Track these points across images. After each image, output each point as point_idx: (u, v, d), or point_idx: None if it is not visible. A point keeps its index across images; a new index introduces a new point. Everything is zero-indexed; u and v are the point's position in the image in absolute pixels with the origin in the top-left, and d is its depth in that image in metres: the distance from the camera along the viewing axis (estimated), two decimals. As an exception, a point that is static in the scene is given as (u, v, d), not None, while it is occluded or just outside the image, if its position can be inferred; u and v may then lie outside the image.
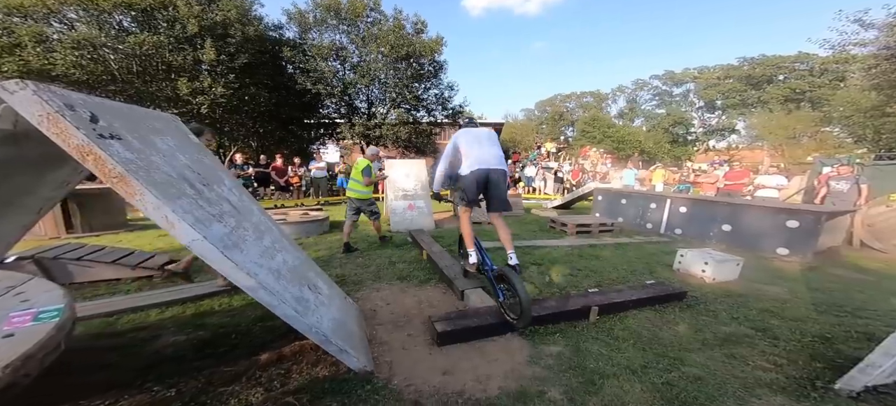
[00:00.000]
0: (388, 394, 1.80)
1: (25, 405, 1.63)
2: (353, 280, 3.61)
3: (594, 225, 6.36)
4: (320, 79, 11.96)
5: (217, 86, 10.94)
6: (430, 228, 6.31)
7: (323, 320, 1.93)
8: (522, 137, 38.49)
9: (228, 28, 10.98)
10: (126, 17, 10.24)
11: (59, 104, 1.30)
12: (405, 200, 6.29)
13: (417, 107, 14.54)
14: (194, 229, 1.46)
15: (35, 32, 8.92)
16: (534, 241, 5.65)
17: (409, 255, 4.56)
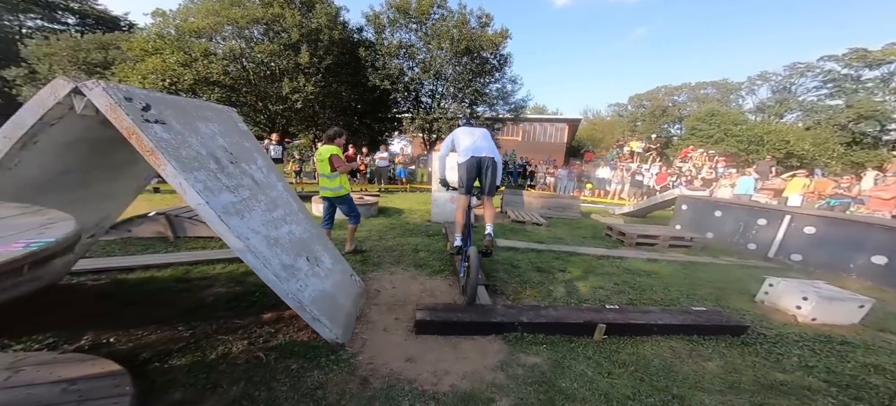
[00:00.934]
0: (344, 366, 1.96)
1: (78, 318, 2.29)
2: (374, 261, 3.90)
3: (662, 237, 5.43)
4: (388, 76, 12.96)
5: (308, 85, 12.72)
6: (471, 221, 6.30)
7: (306, 289, 2.18)
8: (605, 135, 34.55)
9: (319, 34, 12.77)
10: (255, 29, 12.82)
11: (119, 97, 1.77)
12: (449, 192, 6.42)
13: (477, 101, 14.43)
14: (200, 196, 1.81)
15: (203, 48, 11.94)
16: (577, 246, 5.14)
17: (437, 245, 4.68)
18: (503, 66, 14.11)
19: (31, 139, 1.63)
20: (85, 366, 1.64)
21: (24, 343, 1.93)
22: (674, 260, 4.75)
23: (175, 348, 1.94)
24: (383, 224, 5.75)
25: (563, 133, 25.90)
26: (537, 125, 26.73)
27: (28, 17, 22.87)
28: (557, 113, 32.33)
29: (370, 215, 6.06)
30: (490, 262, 4.04)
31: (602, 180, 12.61)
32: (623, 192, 11.94)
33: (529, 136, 26.22)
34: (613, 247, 5.38)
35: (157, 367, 1.76)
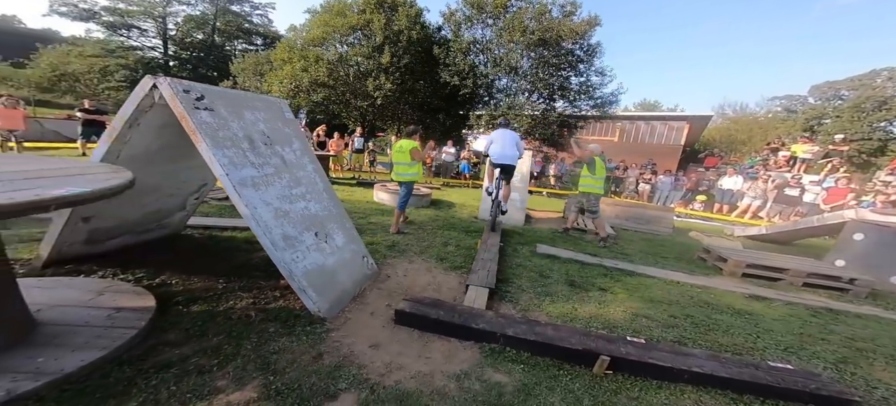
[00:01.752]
0: (312, 338, 2.13)
1: (172, 260, 3.02)
2: (400, 248, 4.07)
3: (796, 272, 4.00)
4: (458, 72, 12.99)
5: (387, 82, 13.92)
6: (520, 224, 5.90)
7: (302, 261, 2.44)
8: (752, 136, 26.72)
9: (400, 34, 13.88)
10: (352, 36, 14.88)
11: (178, 89, 2.28)
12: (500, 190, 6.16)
13: (553, 96, 13.08)
14: (223, 168, 2.16)
15: (316, 55, 14.60)
16: (643, 266, 4.23)
17: (469, 242, 4.56)
18: (591, 58, 12.46)
19: (134, 121, 2.29)
20: (135, 298, 2.23)
21: (127, 273, 2.73)
22: (799, 302, 3.43)
23: (203, 296, 2.44)
24: (429, 215, 5.91)
25: (679, 133, 21.42)
26: (641, 124, 22.80)
27: (238, 41, 32.37)
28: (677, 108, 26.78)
29: (421, 206, 6.30)
30: (513, 267, 3.73)
31: (726, 193, 9.82)
32: (763, 210, 9.10)
33: (629, 136, 22.60)
34: (703, 274, 4.22)
35: (180, 309, 2.26)
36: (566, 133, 13.54)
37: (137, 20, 29.92)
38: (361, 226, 4.84)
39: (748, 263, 4.13)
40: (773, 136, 22.69)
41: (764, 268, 4.09)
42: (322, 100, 15.00)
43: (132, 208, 2.89)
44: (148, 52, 30.72)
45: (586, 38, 12.00)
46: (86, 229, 2.64)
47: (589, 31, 11.82)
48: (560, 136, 13.47)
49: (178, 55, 32.39)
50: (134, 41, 30.22)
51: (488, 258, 3.59)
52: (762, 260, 4.19)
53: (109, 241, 2.90)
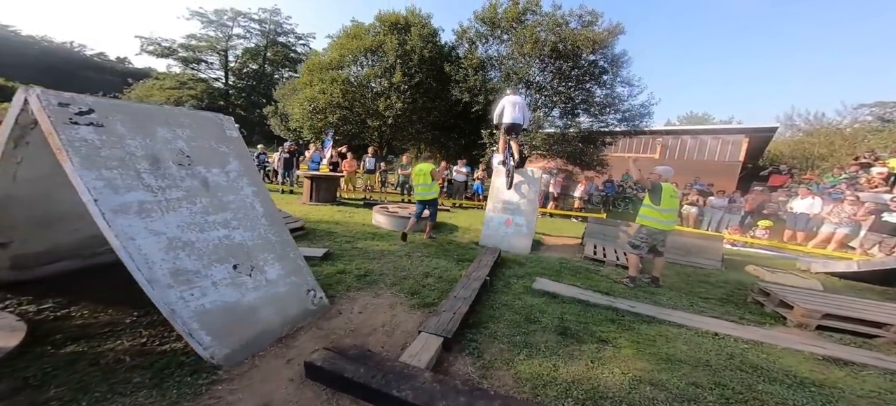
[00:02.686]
0: (185, 392, 1.74)
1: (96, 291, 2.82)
2: (372, 278, 3.64)
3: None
4: (469, 89, 12.55)
5: (398, 101, 13.99)
6: (525, 252, 5.19)
7: (199, 299, 2.05)
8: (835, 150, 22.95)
9: (412, 54, 13.94)
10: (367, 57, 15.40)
11: (48, 102, 1.92)
12: (504, 214, 5.51)
13: (575, 110, 12.12)
14: (92, 193, 1.86)
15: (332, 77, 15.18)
16: (672, 311, 3.36)
17: (453, 274, 3.99)
18: (615, 68, 11.52)
19: (20, 139, 2.17)
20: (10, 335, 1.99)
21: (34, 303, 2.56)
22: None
23: (91, 333, 2.18)
24: (423, 240, 5.44)
25: (736, 148, 19.03)
26: (687, 139, 20.58)
27: (285, 69, 35.52)
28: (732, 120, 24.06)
29: (417, 230, 5.88)
30: (495, 307, 3.14)
31: (800, 217, 8.11)
32: (855, 238, 7.35)
33: (674, 152, 20.46)
34: (756, 323, 3.23)
35: (48, 349, 1.97)
36: (591, 149, 12.43)
37: (205, 54, 34.06)
38: (343, 250, 4.51)
39: (826, 313, 3.07)
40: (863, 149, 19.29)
41: (850, 320, 3.01)
42: (340, 120, 15.41)
43: (62, 233, 2.80)
44: (214, 83, 34.71)
45: (609, 47, 11.19)
46: (6, 255, 2.55)
47: (611, 41, 11.02)
48: (585, 153, 12.40)
49: (236, 85, 36.19)
50: (202, 74, 34.27)
51: (462, 296, 3.03)
52: (848, 309, 3.11)
53: (43, 266, 2.80)
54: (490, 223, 5.57)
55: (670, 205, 4.02)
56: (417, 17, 15.44)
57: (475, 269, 3.82)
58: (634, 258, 4.11)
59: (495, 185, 5.78)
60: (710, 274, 4.86)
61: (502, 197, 5.62)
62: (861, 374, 2.42)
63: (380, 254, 4.51)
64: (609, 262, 4.88)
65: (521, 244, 5.27)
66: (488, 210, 5.69)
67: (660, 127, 21.66)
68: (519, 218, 5.42)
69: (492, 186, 5.86)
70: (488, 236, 5.50)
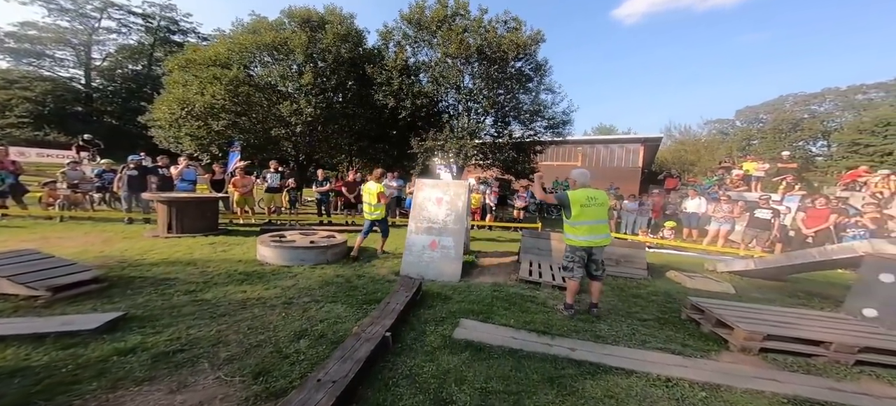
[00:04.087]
0: None
1: None
2: (191, 353, 2.27)
3: (843, 346, 2.49)
4: (393, 92, 11.14)
5: (308, 106, 11.65)
6: (454, 280, 4.21)
7: None
8: (700, 157, 27.36)
9: (326, 54, 11.83)
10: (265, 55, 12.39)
11: None
12: (428, 235, 4.48)
13: (506, 118, 11.88)
14: None
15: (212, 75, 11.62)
16: (617, 349, 2.61)
17: (352, 322, 2.77)
18: (540, 76, 11.56)
19: None
20: None
21: None
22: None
23: None
24: (325, 277, 4.11)
25: (635, 155, 21.14)
26: (601, 148, 22.50)
27: None
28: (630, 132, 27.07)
29: (320, 262, 4.49)
30: (393, 380, 2.14)
31: (692, 217, 8.65)
32: (732, 232, 7.90)
33: (591, 160, 22.09)
34: (700, 350, 2.63)
35: None
36: (523, 158, 12.24)
37: (51, 48, 26.02)
38: (165, 309, 2.95)
39: (767, 334, 2.57)
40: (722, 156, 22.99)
41: (791, 339, 2.54)
42: (224, 127, 12.06)
43: None
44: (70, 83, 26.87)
45: (532, 53, 11.14)
46: None
47: (534, 48, 10.99)
48: (517, 161, 12.19)
49: (105, 88, 28.90)
50: (46, 71, 26.18)
51: (335, 376, 1.84)
52: (787, 327, 2.67)
53: None
54: (412, 247, 4.48)
55: (587, 215, 3.17)
56: (336, 14, 13.27)
57: (376, 317, 2.67)
58: (572, 284, 3.33)
59: (418, 201, 4.73)
60: (640, 285, 4.41)
61: (426, 214, 4.60)
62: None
63: (237, 307, 3.10)
64: (545, 284, 4.13)
65: (450, 270, 4.28)
66: (410, 231, 4.61)
67: (578, 137, 23.29)
68: (446, 239, 4.43)
69: (414, 203, 4.79)
70: (410, 264, 4.40)
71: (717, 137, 33.72)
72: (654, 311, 3.51)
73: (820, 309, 3.79)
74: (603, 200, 3.24)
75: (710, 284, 4.39)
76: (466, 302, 3.57)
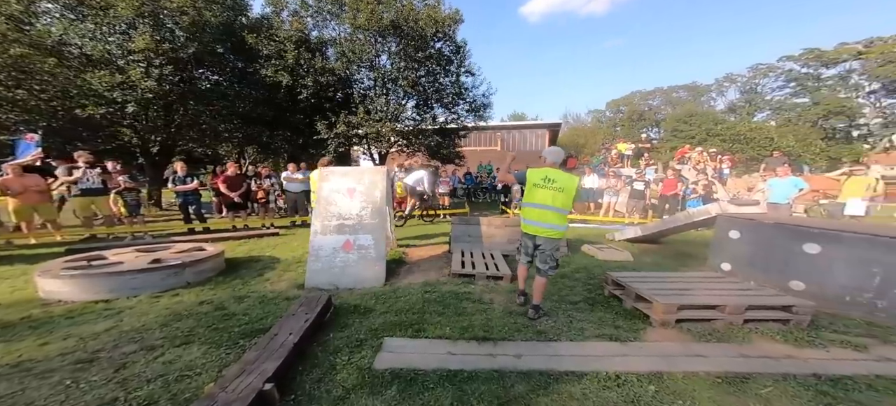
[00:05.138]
0: None
1: None
2: None
3: (735, 308, 2.58)
4: (287, 67, 8.89)
5: (147, 79, 8.21)
6: (377, 284, 3.40)
7: None
8: (588, 141, 32.22)
9: (178, 16, 8.68)
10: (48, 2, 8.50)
11: None
12: (339, 235, 3.52)
13: (429, 101, 11.13)
14: None
15: None
16: (561, 346, 2.25)
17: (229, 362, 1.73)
18: (461, 58, 11.02)
19: None
20: None
21: None
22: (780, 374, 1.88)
23: None
24: (176, 307, 2.81)
25: (543, 140, 23.31)
26: (516, 133, 24.13)
27: None
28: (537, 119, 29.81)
29: (172, 286, 3.10)
30: None
31: (589, 191, 9.70)
32: (617, 203, 9.07)
33: (508, 144, 23.52)
34: (630, 330, 2.50)
35: None
36: (447, 143, 11.76)
37: None
38: None
39: (680, 305, 2.59)
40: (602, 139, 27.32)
41: (697, 307, 2.61)
42: None
43: None
44: None
45: (452, 34, 10.44)
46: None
47: (454, 27, 10.32)
48: (442, 146, 11.59)
49: None
50: None
51: None
52: (689, 294, 2.75)
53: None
54: (320, 252, 3.46)
55: (536, 197, 2.73)
56: None
57: (252, 361, 1.72)
58: (519, 270, 3.02)
59: (325, 195, 3.67)
60: (565, 265, 4.38)
61: (336, 210, 3.60)
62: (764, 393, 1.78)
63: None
64: (479, 276, 3.66)
65: (371, 274, 3.44)
66: (315, 232, 3.56)
67: (497, 123, 24.34)
68: (363, 237, 3.55)
69: (319, 197, 3.71)
70: (319, 272, 3.39)
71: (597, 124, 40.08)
72: (581, 292, 3.41)
73: (696, 269, 4.34)
74: (564, 186, 2.68)
75: (615, 254, 4.67)
76: (393, 312, 2.83)
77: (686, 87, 38.14)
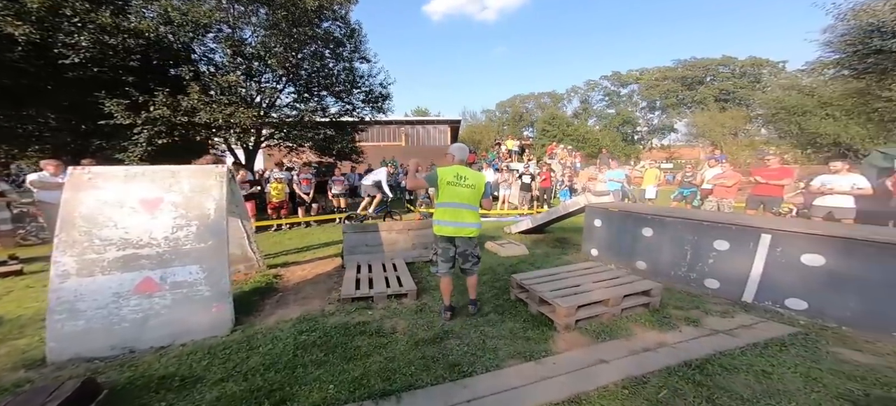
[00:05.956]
0: None
1: None
2: None
3: (616, 300, 2.64)
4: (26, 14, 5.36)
5: None
6: (220, 332, 2.17)
7: None
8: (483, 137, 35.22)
9: None
10: None
11: None
12: (128, 272, 2.06)
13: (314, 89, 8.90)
14: None
15: None
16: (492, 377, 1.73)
17: None
18: (355, 43, 9.14)
19: None
20: None
21: None
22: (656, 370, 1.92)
23: None
24: None
25: (445, 135, 23.73)
26: (420, 129, 23.67)
27: None
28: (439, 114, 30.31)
29: None
30: None
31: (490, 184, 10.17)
32: (511, 196, 9.77)
33: (413, 140, 22.91)
34: (540, 339, 2.31)
35: None
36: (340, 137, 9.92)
37: None
38: None
39: (578, 305, 2.54)
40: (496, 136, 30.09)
41: (590, 304, 2.62)
42: None
43: None
44: None
45: (344, 15, 8.59)
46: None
47: (345, 6, 8.46)
48: (335, 140, 9.59)
49: None
50: None
51: None
52: (582, 292, 2.77)
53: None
54: (79, 303, 1.92)
55: (451, 196, 2.55)
56: None
57: None
58: (442, 282, 2.63)
59: (82, 210, 2.08)
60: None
61: (114, 234, 2.09)
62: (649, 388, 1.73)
63: None
64: (378, 297, 2.85)
65: (203, 322, 2.17)
66: (65, 272, 1.95)
67: (400, 117, 23.17)
68: (183, 270, 2.19)
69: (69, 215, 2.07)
70: (78, 335, 1.90)
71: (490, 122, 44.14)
72: (490, 297, 3.10)
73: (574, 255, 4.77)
74: (475, 182, 2.63)
75: (514, 249, 4.71)
76: (240, 377, 1.79)
77: (549, 94, 46.30)
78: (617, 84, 41.87)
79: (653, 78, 38.46)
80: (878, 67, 9.21)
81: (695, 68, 36.48)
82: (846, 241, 2.55)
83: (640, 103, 40.31)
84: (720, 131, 25.90)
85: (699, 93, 35.48)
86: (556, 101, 45.20)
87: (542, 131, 32.95)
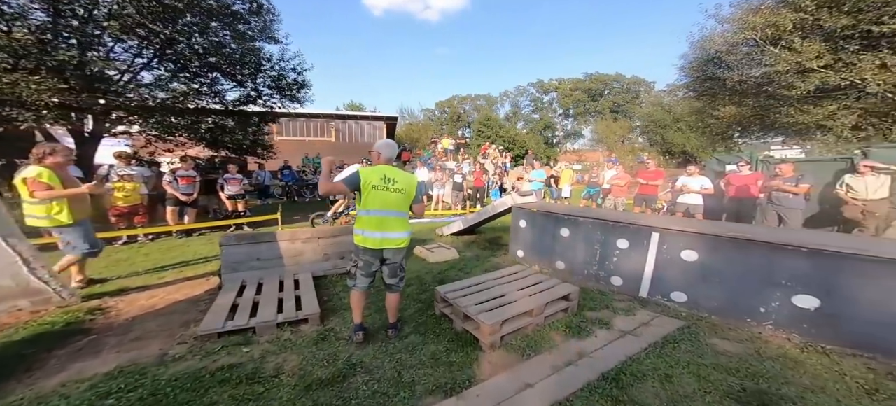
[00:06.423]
0: None
1: None
2: None
3: (539, 309, 2.54)
4: None
5: None
6: None
7: None
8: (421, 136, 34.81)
9: None
10: None
11: None
12: None
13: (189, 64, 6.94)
14: None
15: None
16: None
17: None
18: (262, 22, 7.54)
19: None
20: None
21: None
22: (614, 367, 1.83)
23: None
24: None
25: (380, 132, 22.43)
26: (353, 124, 21.84)
27: None
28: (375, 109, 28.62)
29: None
30: None
31: (421, 185, 9.80)
32: (444, 195, 9.60)
33: (344, 136, 21.01)
34: (465, 364, 2.05)
35: None
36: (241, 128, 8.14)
37: None
38: None
39: (502, 320, 2.36)
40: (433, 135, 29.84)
41: (515, 317, 2.47)
42: None
43: None
44: None
45: None
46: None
47: None
48: (233, 131, 7.90)
49: None
50: None
51: None
52: (508, 305, 2.60)
53: None
54: None
55: (377, 202, 2.14)
56: None
57: None
58: (353, 296, 2.21)
59: None
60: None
61: None
62: None
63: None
64: (263, 328, 2.17)
65: None
66: None
67: (331, 111, 20.90)
68: None
69: None
70: None
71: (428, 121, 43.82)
72: (413, 314, 2.74)
73: (502, 257, 4.74)
74: (405, 186, 2.26)
75: (444, 254, 4.45)
76: None
77: (484, 97, 48.52)
78: (541, 91, 46.27)
79: (567, 88, 43.70)
80: (710, 91, 11.93)
81: (597, 82, 42.71)
82: (713, 238, 2.95)
83: (558, 110, 45.41)
84: (613, 138, 30.89)
85: (600, 104, 41.71)
86: (490, 104, 47.58)
87: (477, 132, 34.23)
